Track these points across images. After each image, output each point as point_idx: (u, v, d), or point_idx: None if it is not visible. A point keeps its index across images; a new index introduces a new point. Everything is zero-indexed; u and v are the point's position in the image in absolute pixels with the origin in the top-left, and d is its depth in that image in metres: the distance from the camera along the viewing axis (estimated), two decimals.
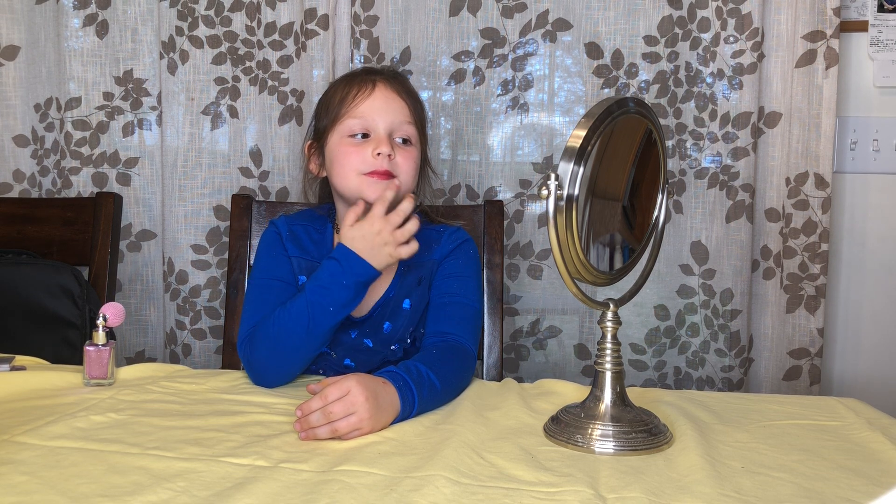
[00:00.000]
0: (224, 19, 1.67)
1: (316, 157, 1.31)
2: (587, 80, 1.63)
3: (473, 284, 1.24)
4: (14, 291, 1.44)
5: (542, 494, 0.75)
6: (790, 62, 1.58)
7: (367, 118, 1.22)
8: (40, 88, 1.72)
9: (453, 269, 1.24)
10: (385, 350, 1.22)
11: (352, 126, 1.22)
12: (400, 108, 1.24)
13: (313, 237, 1.28)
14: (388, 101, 1.24)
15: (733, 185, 1.60)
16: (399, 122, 1.23)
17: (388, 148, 1.20)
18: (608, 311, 0.93)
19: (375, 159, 1.19)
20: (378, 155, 1.19)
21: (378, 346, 1.22)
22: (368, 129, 1.22)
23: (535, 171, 1.66)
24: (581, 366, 1.68)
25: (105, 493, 0.73)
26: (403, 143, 1.24)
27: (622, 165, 0.94)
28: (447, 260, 1.25)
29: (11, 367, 1.11)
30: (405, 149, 1.23)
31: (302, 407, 0.92)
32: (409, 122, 1.24)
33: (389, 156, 1.20)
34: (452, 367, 1.09)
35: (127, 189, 1.71)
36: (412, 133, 1.25)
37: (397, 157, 1.21)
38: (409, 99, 1.26)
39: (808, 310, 1.61)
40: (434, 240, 1.26)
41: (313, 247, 1.26)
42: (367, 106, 1.23)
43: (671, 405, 1.01)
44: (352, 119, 1.23)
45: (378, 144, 1.20)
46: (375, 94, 1.24)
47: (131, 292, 1.73)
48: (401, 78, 1.31)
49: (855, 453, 0.87)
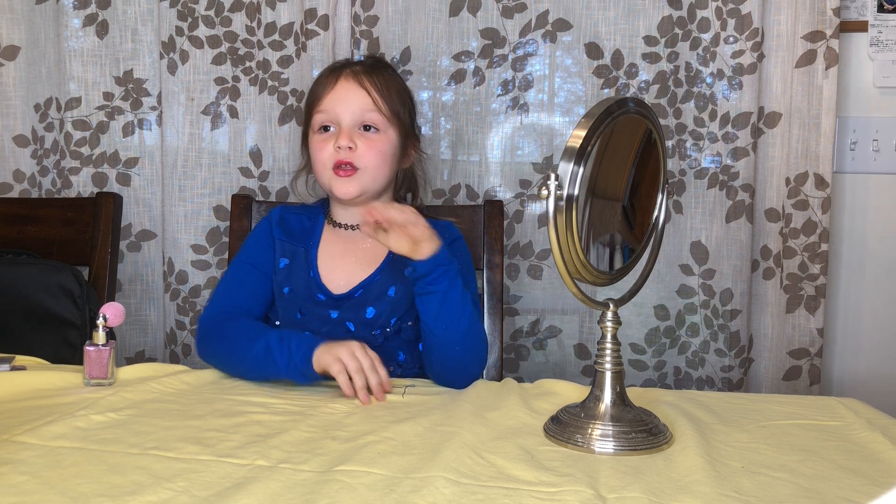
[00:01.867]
0: (224, 19, 1.67)
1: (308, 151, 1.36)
2: (587, 80, 1.63)
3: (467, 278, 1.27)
4: (14, 291, 1.44)
5: (542, 494, 0.75)
6: (790, 62, 1.58)
7: (329, 111, 1.27)
8: (40, 88, 1.72)
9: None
10: (366, 334, 1.24)
11: (319, 119, 1.29)
12: (361, 98, 1.27)
13: (304, 224, 1.33)
14: (350, 92, 1.27)
15: (733, 185, 1.60)
16: (361, 111, 1.27)
17: (347, 139, 1.24)
18: (608, 311, 0.93)
19: (337, 152, 1.25)
20: (339, 148, 1.24)
21: (360, 329, 1.24)
22: (332, 122, 1.28)
23: (535, 171, 1.66)
24: (581, 366, 1.68)
25: (105, 493, 0.73)
26: (368, 130, 1.27)
27: (622, 165, 0.94)
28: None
29: (11, 367, 1.11)
30: (368, 136, 1.27)
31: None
32: (371, 109, 1.27)
33: (350, 147, 1.24)
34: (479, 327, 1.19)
35: (127, 189, 1.71)
36: (376, 119, 1.28)
37: (360, 145, 1.25)
38: (375, 86, 1.28)
39: (807, 310, 1.61)
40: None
41: (301, 233, 1.31)
42: (329, 99, 1.28)
43: (671, 405, 1.01)
44: (319, 113, 1.29)
45: (339, 137, 1.25)
46: (337, 87, 1.28)
47: (131, 292, 1.73)
48: (377, 66, 1.34)
49: (855, 453, 0.87)
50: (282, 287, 1.28)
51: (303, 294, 1.27)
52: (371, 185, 1.28)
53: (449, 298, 1.12)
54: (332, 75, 1.30)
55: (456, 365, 1.14)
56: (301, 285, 1.27)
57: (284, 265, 1.29)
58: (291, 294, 1.27)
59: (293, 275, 1.28)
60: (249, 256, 1.30)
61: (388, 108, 1.28)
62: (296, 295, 1.27)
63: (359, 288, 1.25)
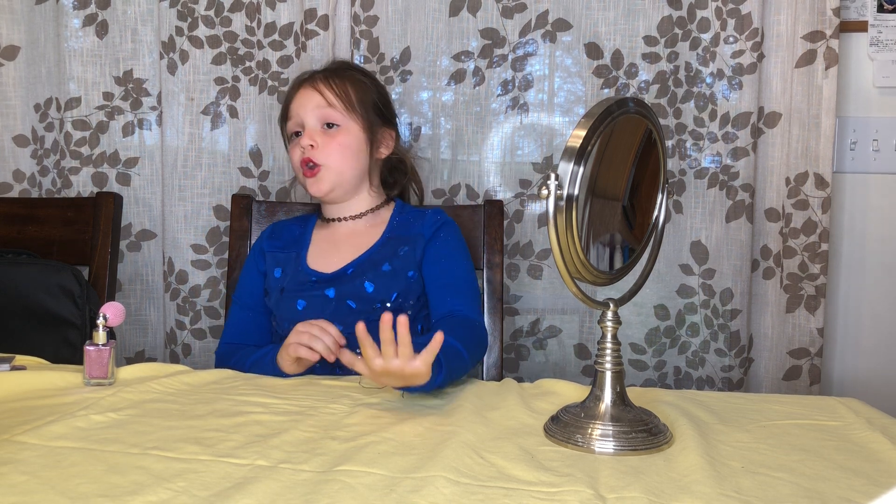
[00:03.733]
0: (224, 19, 1.67)
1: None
2: (587, 80, 1.63)
3: (462, 261, 1.33)
4: (14, 291, 1.44)
5: (542, 494, 0.75)
6: (790, 62, 1.58)
7: (295, 117, 1.37)
8: (40, 88, 1.72)
9: (441, 251, 1.32)
10: (368, 309, 1.27)
11: (289, 127, 1.39)
12: (318, 99, 1.35)
13: (294, 233, 1.40)
14: (309, 97, 1.36)
15: (733, 185, 1.60)
16: (320, 111, 1.34)
17: (308, 139, 1.34)
18: (608, 310, 0.93)
19: (303, 152, 1.33)
20: (303, 148, 1.33)
21: (361, 305, 1.28)
22: (299, 126, 1.36)
23: (535, 171, 1.66)
24: (581, 366, 1.68)
25: (105, 493, 0.73)
26: (329, 127, 1.34)
27: (622, 165, 0.94)
28: (432, 243, 1.32)
29: (11, 367, 1.11)
30: (328, 133, 1.34)
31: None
32: (326, 106, 1.34)
33: (312, 146, 1.32)
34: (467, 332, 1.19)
35: (127, 189, 1.71)
36: (334, 116, 1.34)
37: (320, 142, 1.33)
38: (329, 86, 1.35)
39: (808, 310, 1.61)
40: (417, 218, 1.36)
41: (291, 241, 1.39)
42: (293, 106, 1.37)
43: (671, 405, 1.01)
44: (288, 120, 1.38)
45: (301, 139, 1.34)
46: (300, 93, 1.37)
47: (131, 292, 1.73)
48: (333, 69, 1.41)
49: (855, 453, 0.87)
50: (279, 289, 1.33)
51: (295, 286, 1.31)
52: (338, 178, 1.34)
53: (457, 374, 1.09)
54: (296, 85, 1.39)
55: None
56: (293, 281, 1.32)
57: (279, 274, 1.35)
58: (286, 292, 1.32)
59: (287, 276, 1.33)
60: (240, 297, 1.39)
61: (342, 103, 1.35)
62: (290, 290, 1.32)
63: (350, 266, 1.31)
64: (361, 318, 1.24)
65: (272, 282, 1.35)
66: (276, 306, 1.33)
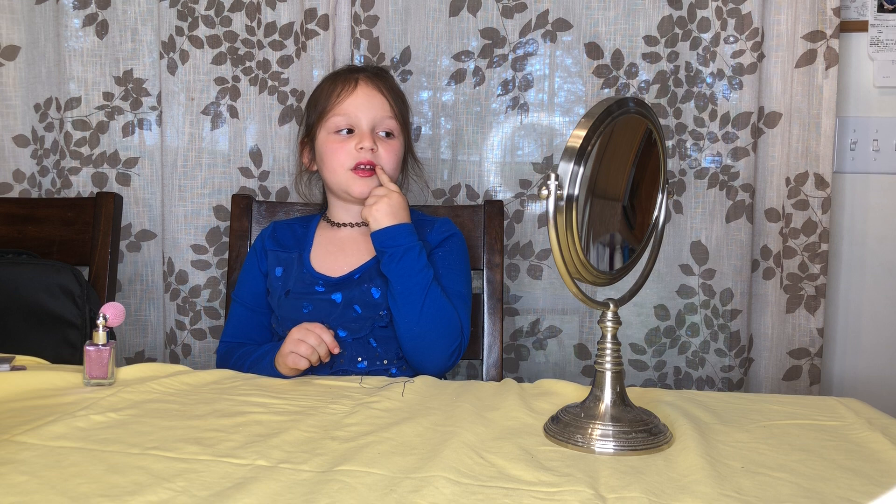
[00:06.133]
0: (224, 19, 1.67)
1: (308, 151, 1.40)
2: (587, 80, 1.63)
3: (461, 276, 1.33)
4: (14, 291, 1.43)
5: (542, 494, 0.75)
6: (790, 62, 1.58)
7: (350, 114, 1.32)
8: (40, 88, 1.72)
9: (443, 261, 1.32)
10: (373, 314, 1.27)
11: (337, 122, 1.33)
12: (381, 104, 1.33)
13: (297, 232, 1.39)
14: (370, 98, 1.33)
15: (733, 185, 1.60)
16: (381, 117, 1.33)
17: (371, 142, 1.30)
18: (608, 311, 0.93)
19: (359, 153, 1.30)
20: (361, 149, 1.30)
21: (366, 310, 1.28)
22: (352, 124, 1.32)
23: (535, 171, 1.66)
24: (581, 366, 1.68)
25: (105, 493, 0.73)
26: (386, 136, 1.34)
27: (622, 165, 0.94)
28: (436, 252, 1.32)
29: (11, 367, 1.11)
30: (387, 141, 1.34)
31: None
32: (390, 116, 1.34)
33: (372, 149, 1.30)
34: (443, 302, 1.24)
35: (127, 189, 1.71)
36: (394, 126, 1.34)
37: (380, 149, 1.31)
38: (390, 94, 1.35)
39: (808, 310, 1.61)
40: (426, 225, 1.35)
41: (293, 241, 1.38)
42: (349, 103, 1.33)
43: (671, 405, 1.01)
44: (337, 116, 1.33)
45: (361, 139, 1.30)
46: (358, 92, 1.33)
47: (131, 292, 1.73)
48: (383, 74, 1.40)
49: (855, 453, 0.87)
50: (281, 292, 1.32)
51: (302, 289, 1.31)
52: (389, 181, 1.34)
53: (403, 276, 1.21)
54: (350, 79, 1.35)
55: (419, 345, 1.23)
56: (298, 284, 1.31)
57: (280, 273, 1.34)
58: (292, 294, 1.31)
59: (290, 278, 1.33)
60: (241, 295, 1.38)
61: (401, 115, 1.36)
62: (296, 293, 1.31)
63: (357, 271, 1.30)
64: (366, 323, 1.26)
65: (273, 281, 1.34)
66: (280, 308, 1.32)
